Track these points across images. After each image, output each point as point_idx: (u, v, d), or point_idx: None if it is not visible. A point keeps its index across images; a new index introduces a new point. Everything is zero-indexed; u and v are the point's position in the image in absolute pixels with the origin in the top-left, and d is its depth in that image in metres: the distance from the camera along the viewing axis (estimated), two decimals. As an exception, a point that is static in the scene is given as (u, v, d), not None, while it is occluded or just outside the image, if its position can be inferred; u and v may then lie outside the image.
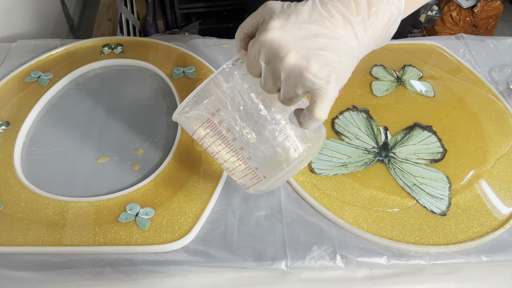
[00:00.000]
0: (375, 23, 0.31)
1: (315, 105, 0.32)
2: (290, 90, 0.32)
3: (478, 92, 0.61)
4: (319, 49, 0.30)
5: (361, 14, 0.31)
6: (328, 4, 0.31)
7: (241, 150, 0.38)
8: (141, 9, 1.50)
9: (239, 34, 0.36)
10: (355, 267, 0.43)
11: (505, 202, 0.48)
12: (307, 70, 0.30)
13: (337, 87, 0.31)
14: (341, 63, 0.31)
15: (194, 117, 0.38)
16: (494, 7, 1.71)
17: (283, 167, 0.38)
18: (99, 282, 0.42)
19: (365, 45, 0.32)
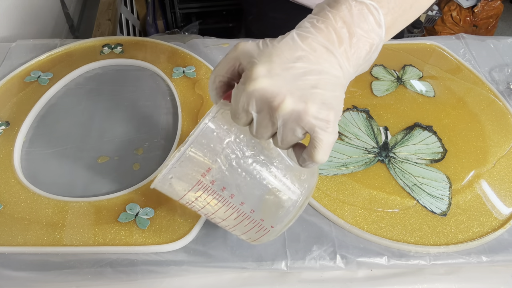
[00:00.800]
0: (357, 53, 0.31)
1: (315, 150, 0.30)
2: (288, 135, 0.30)
3: (479, 92, 0.61)
4: (313, 88, 0.29)
5: (343, 45, 0.30)
6: (309, 37, 0.30)
7: (241, 205, 0.34)
8: (141, 9, 1.50)
9: (214, 83, 0.33)
10: (355, 267, 0.43)
11: (505, 202, 0.48)
12: (306, 113, 0.29)
13: (336, 124, 0.30)
14: (335, 98, 0.30)
15: (180, 182, 0.34)
16: (494, 7, 1.71)
17: (290, 211, 0.35)
18: (99, 282, 0.41)
19: (349, 74, 0.31)
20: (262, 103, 0.29)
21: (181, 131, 0.54)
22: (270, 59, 0.29)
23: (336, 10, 0.31)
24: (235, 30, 1.63)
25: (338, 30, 0.30)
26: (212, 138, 0.33)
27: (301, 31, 0.30)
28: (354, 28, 0.30)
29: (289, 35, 0.30)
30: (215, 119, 0.33)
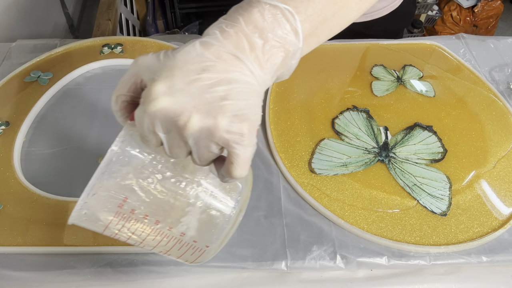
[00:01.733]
0: (272, 59, 0.29)
1: (232, 166, 0.28)
2: (204, 153, 0.28)
3: (479, 92, 0.61)
4: (222, 100, 0.26)
5: (255, 51, 0.28)
6: (214, 45, 0.28)
7: (170, 230, 0.32)
8: (141, 9, 1.50)
9: (117, 104, 0.30)
10: (355, 267, 0.43)
11: (505, 202, 0.48)
12: (217, 129, 0.26)
13: (252, 136, 0.28)
14: (250, 106, 0.28)
15: (96, 217, 0.31)
16: (494, 7, 1.71)
17: (224, 227, 0.33)
18: (99, 282, 0.41)
19: (264, 81, 0.29)
20: (167, 124, 0.27)
21: (181, 131, 0.54)
22: (172, 73, 0.26)
23: (248, 14, 0.29)
24: (235, 30, 1.63)
25: (249, 36, 0.28)
26: (124, 164, 0.30)
27: (206, 39, 0.28)
28: (267, 34, 0.28)
29: (191, 44, 0.28)
30: (124, 143, 0.30)
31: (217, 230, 0.33)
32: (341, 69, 0.64)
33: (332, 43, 0.69)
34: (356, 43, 0.69)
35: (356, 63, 0.66)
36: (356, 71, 0.64)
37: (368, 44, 0.69)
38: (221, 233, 0.33)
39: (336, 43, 0.69)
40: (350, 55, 0.67)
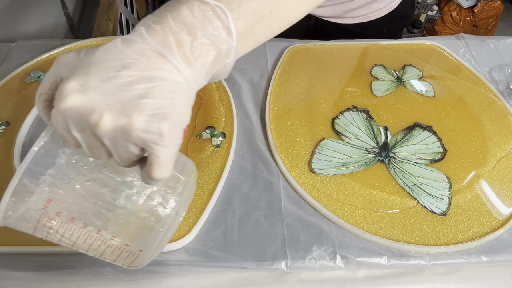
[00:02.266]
0: (202, 57, 0.28)
1: (151, 167, 0.27)
2: (123, 153, 0.27)
3: (478, 92, 0.61)
4: (140, 98, 0.26)
5: (183, 48, 0.28)
6: (136, 42, 0.27)
7: (99, 234, 0.31)
8: (141, 9, 1.50)
9: (40, 102, 0.29)
10: (355, 267, 0.43)
11: (505, 202, 0.48)
12: (132, 128, 0.25)
13: (174, 136, 0.27)
14: (173, 105, 0.27)
15: (22, 218, 0.30)
16: (494, 7, 1.71)
17: (158, 231, 0.32)
18: (99, 282, 0.41)
19: (195, 79, 0.29)
20: (80, 123, 0.26)
21: (181, 131, 0.54)
22: (88, 71, 0.26)
23: (177, 10, 0.28)
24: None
25: (176, 33, 0.27)
26: (47, 166, 0.29)
27: (129, 36, 0.27)
28: (195, 31, 0.28)
29: (113, 41, 0.27)
30: (47, 143, 0.29)
31: (151, 233, 0.32)
32: (341, 69, 0.64)
33: (332, 43, 0.69)
34: (356, 43, 0.69)
35: (356, 63, 0.66)
36: (356, 71, 0.64)
37: (368, 44, 0.69)
38: (155, 236, 0.32)
39: (336, 43, 0.69)
40: (350, 55, 0.67)
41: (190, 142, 0.52)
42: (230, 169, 0.51)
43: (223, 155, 0.51)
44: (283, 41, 0.69)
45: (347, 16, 0.73)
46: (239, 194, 0.48)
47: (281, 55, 0.66)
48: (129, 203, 0.31)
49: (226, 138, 0.53)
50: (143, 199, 0.31)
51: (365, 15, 0.72)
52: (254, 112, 0.58)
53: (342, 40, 0.70)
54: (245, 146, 0.54)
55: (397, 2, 0.72)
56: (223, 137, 0.53)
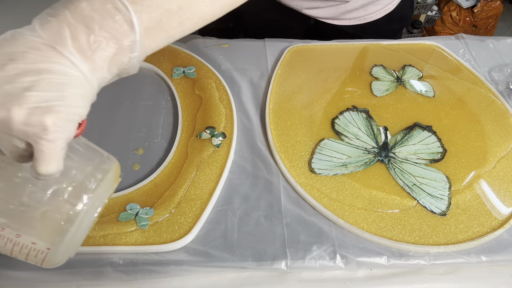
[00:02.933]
0: (100, 51, 0.28)
1: (36, 162, 0.26)
2: (10, 148, 0.27)
3: (478, 92, 0.61)
4: (25, 91, 0.25)
5: (78, 42, 0.27)
6: (26, 35, 0.26)
7: (3, 231, 0.30)
8: (141, 9, 1.49)
9: None
10: (355, 267, 0.43)
11: (505, 202, 0.48)
12: (11, 121, 0.25)
13: (61, 130, 0.26)
14: (63, 98, 0.26)
15: None
16: (494, 7, 1.71)
17: (67, 229, 0.31)
18: (99, 282, 0.42)
19: (95, 72, 0.28)
20: None
21: (181, 131, 0.54)
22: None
23: (75, 3, 0.28)
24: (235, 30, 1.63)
25: (73, 26, 0.27)
26: None
27: (21, 29, 0.27)
28: (93, 24, 0.27)
29: (4, 34, 0.27)
30: None
31: (58, 231, 0.31)
32: (341, 69, 0.64)
33: (332, 43, 0.69)
34: (356, 43, 0.69)
35: (356, 63, 0.66)
36: (355, 71, 0.64)
37: (368, 44, 0.69)
38: (63, 234, 0.31)
39: (336, 43, 0.69)
40: (350, 55, 0.67)
41: (190, 142, 0.52)
42: (230, 169, 0.51)
43: (223, 155, 0.51)
44: (283, 41, 0.69)
45: (344, 18, 0.73)
46: (239, 194, 0.48)
47: (281, 55, 0.66)
48: (33, 200, 0.30)
49: (226, 138, 0.53)
50: (47, 196, 0.30)
51: (361, 17, 0.72)
52: (254, 112, 0.58)
53: (342, 40, 0.70)
54: (245, 146, 0.54)
55: (394, 4, 0.72)
56: (223, 137, 0.53)
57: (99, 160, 0.33)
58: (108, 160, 0.34)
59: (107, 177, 0.33)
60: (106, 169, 0.33)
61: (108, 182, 0.33)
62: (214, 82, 0.60)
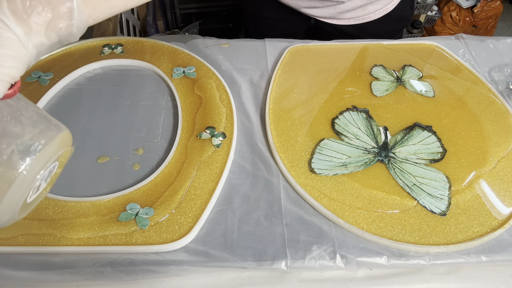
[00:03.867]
0: (36, 15, 0.30)
1: None
2: None
3: (478, 92, 0.61)
4: None
5: (14, 4, 0.29)
6: None
7: None
8: (141, 9, 1.50)
9: None
10: (355, 267, 0.43)
11: (504, 202, 0.48)
12: None
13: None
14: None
15: None
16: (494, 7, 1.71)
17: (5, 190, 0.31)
18: (99, 282, 0.42)
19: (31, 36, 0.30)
20: None
21: (181, 131, 0.54)
22: None
23: None
24: (235, 30, 1.63)
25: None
26: None
27: None
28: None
29: None
30: None
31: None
32: (341, 69, 0.64)
33: (332, 43, 0.69)
34: (356, 44, 0.69)
35: (356, 63, 0.66)
36: (355, 71, 0.64)
37: (368, 44, 0.69)
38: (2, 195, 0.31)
39: (336, 43, 0.69)
40: (350, 55, 0.67)
41: (190, 142, 0.52)
42: (230, 169, 0.51)
43: (223, 155, 0.51)
44: (283, 41, 0.69)
45: (342, 18, 0.73)
46: (239, 194, 0.48)
47: (281, 55, 0.66)
48: None
49: (226, 138, 0.53)
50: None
51: (360, 17, 0.72)
52: (254, 112, 0.58)
53: (342, 40, 0.70)
54: (245, 146, 0.54)
55: (393, 4, 0.72)
56: (223, 137, 0.53)
57: (45, 126, 0.34)
58: (55, 127, 0.35)
59: (51, 143, 0.34)
60: (51, 135, 0.34)
61: (52, 147, 0.34)
62: (214, 82, 0.60)
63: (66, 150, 0.37)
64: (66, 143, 0.37)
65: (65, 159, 0.38)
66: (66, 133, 0.36)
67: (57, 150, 0.35)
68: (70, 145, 0.37)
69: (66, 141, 0.36)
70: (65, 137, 0.36)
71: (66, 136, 0.36)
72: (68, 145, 0.37)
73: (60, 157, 0.36)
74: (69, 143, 0.37)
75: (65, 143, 0.36)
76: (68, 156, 0.38)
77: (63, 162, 0.38)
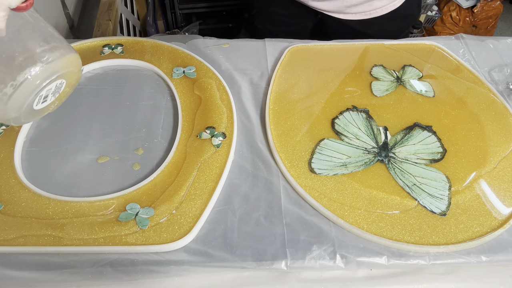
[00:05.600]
0: None
1: None
2: None
3: (478, 92, 0.61)
4: None
5: None
6: None
7: None
8: (141, 9, 1.50)
9: None
10: (355, 267, 0.43)
11: (504, 202, 0.48)
12: None
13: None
14: None
15: None
16: (494, 7, 1.71)
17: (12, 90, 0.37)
18: (99, 282, 0.42)
19: None
20: None
21: (181, 131, 0.54)
22: None
23: None
24: (235, 30, 1.63)
25: None
26: None
27: None
28: None
29: None
30: None
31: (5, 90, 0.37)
32: (341, 69, 0.64)
33: (332, 43, 0.69)
34: (356, 43, 0.69)
35: (356, 63, 0.66)
36: (355, 71, 0.64)
37: (368, 44, 0.69)
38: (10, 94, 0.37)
39: (336, 43, 0.69)
40: (350, 55, 0.67)
41: (190, 142, 0.52)
42: (230, 169, 0.51)
43: (223, 155, 0.51)
44: (283, 41, 0.69)
45: (349, 12, 0.73)
46: (239, 194, 0.48)
47: (281, 55, 0.66)
48: None
49: (226, 138, 0.53)
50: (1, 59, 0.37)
51: (367, 12, 0.72)
52: (254, 112, 0.58)
53: (342, 40, 0.70)
54: (245, 146, 0.54)
55: (400, 1, 0.72)
56: (223, 137, 0.53)
57: (56, 44, 0.39)
58: (66, 48, 0.40)
59: (60, 59, 0.39)
60: (61, 53, 0.39)
61: (60, 63, 0.39)
62: (214, 82, 0.60)
63: (73, 71, 0.42)
64: (74, 65, 0.42)
65: (73, 81, 0.44)
66: (76, 56, 0.42)
67: (64, 67, 0.40)
68: (78, 69, 0.43)
69: (74, 63, 0.42)
70: (74, 59, 0.42)
71: (75, 58, 0.42)
72: (76, 68, 0.43)
73: (68, 77, 0.42)
74: (78, 67, 0.43)
75: (73, 65, 0.42)
76: (76, 78, 0.44)
77: (72, 84, 0.44)
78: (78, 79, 0.44)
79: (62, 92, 0.44)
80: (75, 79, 0.44)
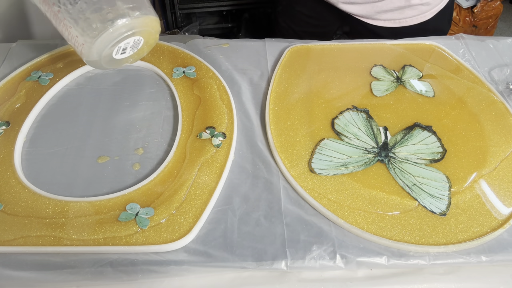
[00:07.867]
0: None
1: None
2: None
3: (478, 92, 0.61)
4: None
5: None
6: None
7: (64, 20, 0.46)
8: (141, 9, 1.50)
9: None
10: (355, 267, 0.43)
11: (505, 202, 0.48)
12: None
13: None
14: None
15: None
16: (494, 7, 1.71)
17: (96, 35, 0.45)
18: (99, 282, 0.42)
19: None
20: None
21: (181, 131, 0.54)
22: None
23: None
24: (235, 30, 1.63)
25: None
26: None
27: None
28: None
29: None
30: None
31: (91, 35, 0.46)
32: (341, 69, 0.64)
33: (332, 43, 0.69)
34: (356, 43, 0.69)
35: (356, 63, 0.66)
36: (355, 71, 0.64)
37: (368, 44, 0.69)
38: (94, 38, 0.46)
39: (336, 43, 0.69)
40: (350, 55, 0.67)
41: (190, 142, 0.52)
42: (230, 169, 0.51)
43: (223, 155, 0.51)
44: (283, 41, 0.69)
45: (379, 18, 0.71)
46: (239, 194, 0.48)
47: (281, 55, 0.66)
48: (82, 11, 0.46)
49: (226, 138, 0.53)
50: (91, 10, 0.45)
51: (396, 20, 0.71)
52: (254, 112, 0.58)
53: (342, 40, 0.70)
54: (245, 146, 0.54)
55: (432, 13, 0.71)
56: (223, 137, 0.53)
57: (138, 5, 0.47)
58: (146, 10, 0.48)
59: (139, 18, 0.47)
60: (142, 13, 0.47)
61: (137, 22, 0.47)
62: (214, 82, 0.60)
63: (150, 31, 0.50)
64: (152, 26, 0.50)
65: (151, 40, 0.52)
66: (154, 19, 0.49)
67: (142, 25, 0.48)
68: (156, 31, 0.51)
69: (152, 24, 0.49)
70: (152, 21, 0.49)
71: (153, 20, 0.49)
72: (154, 29, 0.50)
73: (145, 35, 0.50)
74: (155, 28, 0.51)
75: (151, 25, 0.49)
76: (154, 39, 0.52)
77: (150, 43, 0.53)
78: (155, 40, 0.52)
79: (139, 49, 0.52)
80: (152, 39, 0.52)
